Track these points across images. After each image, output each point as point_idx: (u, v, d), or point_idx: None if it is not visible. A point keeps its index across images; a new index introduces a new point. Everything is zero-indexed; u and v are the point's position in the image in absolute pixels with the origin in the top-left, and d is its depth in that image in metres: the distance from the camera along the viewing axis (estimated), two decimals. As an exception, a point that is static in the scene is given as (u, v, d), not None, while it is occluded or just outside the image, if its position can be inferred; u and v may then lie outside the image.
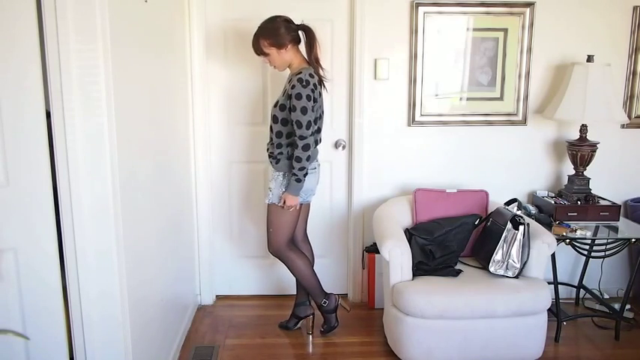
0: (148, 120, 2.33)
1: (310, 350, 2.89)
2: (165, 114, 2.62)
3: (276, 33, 2.57)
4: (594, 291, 3.33)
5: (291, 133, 2.62)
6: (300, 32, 2.65)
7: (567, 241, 2.89)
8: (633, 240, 2.90)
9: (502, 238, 2.71)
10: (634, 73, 3.27)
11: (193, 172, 3.24)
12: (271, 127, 2.69)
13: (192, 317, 3.21)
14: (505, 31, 3.19)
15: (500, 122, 3.30)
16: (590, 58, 3.03)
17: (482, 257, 2.86)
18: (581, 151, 3.09)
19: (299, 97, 2.52)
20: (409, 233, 2.87)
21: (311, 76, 2.59)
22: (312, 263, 2.97)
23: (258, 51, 2.62)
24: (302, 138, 2.55)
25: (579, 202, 3.08)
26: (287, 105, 2.58)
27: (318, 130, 2.72)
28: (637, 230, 3.00)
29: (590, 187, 3.17)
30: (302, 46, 2.70)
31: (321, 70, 2.68)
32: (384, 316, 2.90)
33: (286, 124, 2.62)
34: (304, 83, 2.54)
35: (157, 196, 2.47)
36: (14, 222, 1.77)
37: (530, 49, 3.20)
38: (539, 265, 2.72)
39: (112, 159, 1.85)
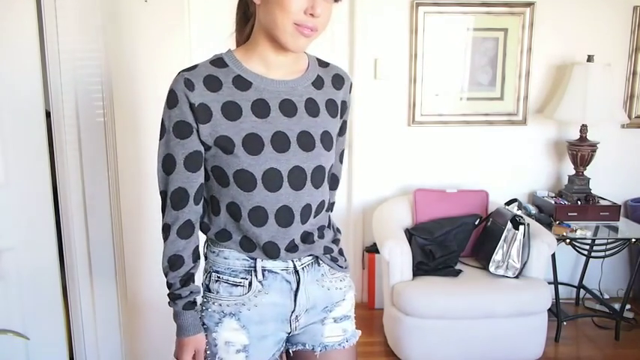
0: (148, 119, 2.32)
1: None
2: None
3: None
4: (594, 291, 3.32)
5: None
6: None
7: (567, 241, 2.89)
8: (633, 240, 2.90)
9: (502, 238, 2.71)
10: (634, 73, 3.27)
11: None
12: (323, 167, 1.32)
13: (192, 317, 3.20)
14: (505, 31, 3.19)
15: (501, 122, 3.30)
16: (590, 58, 3.03)
17: (482, 257, 2.86)
18: (581, 151, 3.09)
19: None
20: (409, 233, 2.87)
21: None
22: None
23: None
24: None
25: (579, 202, 3.08)
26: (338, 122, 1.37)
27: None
28: (637, 230, 3.00)
29: (590, 187, 3.17)
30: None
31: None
32: (384, 316, 2.89)
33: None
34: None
35: (158, 195, 2.46)
36: (14, 222, 1.77)
37: (530, 49, 3.19)
38: (539, 265, 2.71)
39: (111, 159, 1.85)
